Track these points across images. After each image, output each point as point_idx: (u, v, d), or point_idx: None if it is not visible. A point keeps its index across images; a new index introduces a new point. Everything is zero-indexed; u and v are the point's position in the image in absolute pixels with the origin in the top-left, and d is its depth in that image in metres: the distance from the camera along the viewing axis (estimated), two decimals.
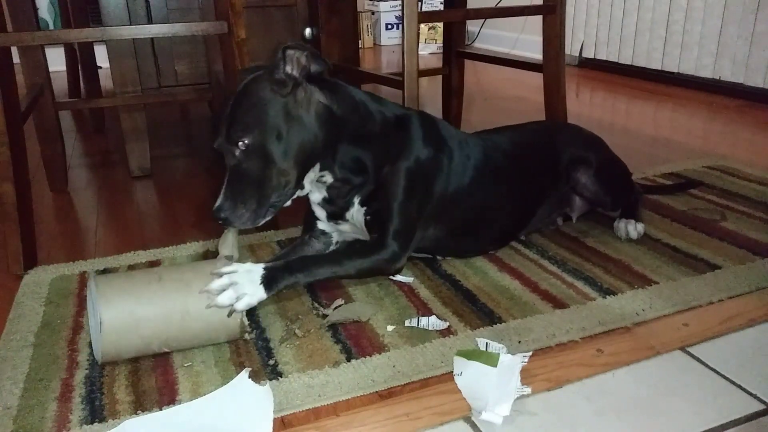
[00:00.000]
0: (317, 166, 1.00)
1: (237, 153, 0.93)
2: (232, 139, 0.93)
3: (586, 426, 0.75)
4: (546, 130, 1.33)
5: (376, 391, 0.81)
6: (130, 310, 0.83)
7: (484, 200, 1.13)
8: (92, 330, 0.88)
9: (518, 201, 1.19)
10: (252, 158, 0.93)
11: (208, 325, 0.87)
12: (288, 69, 0.94)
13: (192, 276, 0.88)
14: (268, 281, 0.92)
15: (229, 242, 0.95)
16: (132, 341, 0.84)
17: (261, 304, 1.01)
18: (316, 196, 1.07)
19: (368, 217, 1.05)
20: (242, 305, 0.88)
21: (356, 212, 1.06)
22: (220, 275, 0.88)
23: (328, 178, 1.03)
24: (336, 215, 1.08)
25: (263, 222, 0.96)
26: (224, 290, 0.87)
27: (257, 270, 0.92)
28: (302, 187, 1.01)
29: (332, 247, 1.14)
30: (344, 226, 1.09)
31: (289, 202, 0.99)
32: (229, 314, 0.88)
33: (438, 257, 1.16)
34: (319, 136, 0.97)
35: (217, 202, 0.93)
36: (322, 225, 1.11)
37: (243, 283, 0.89)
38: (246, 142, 0.92)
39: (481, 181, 1.11)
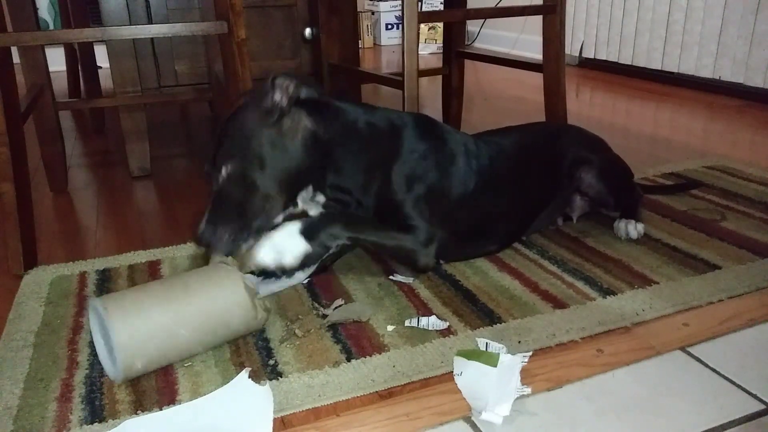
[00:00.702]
0: (310, 187, 1.01)
1: (221, 179, 0.95)
2: (216, 165, 0.95)
3: (586, 426, 0.75)
4: (549, 132, 1.32)
5: (376, 391, 0.81)
6: (137, 307, 0.82)
7: (489, 205, 1.12)
8: (101, 350, 0.87)
9: (522, 204, 1.18)
10: (234, 184, 0.95)
11: (214, 297, 0.86)
12: (276, 97, 0.95)
13: (189, 274, 0.89)
14: (305, 233, 0.93)
15: None
16: (148, 333, 0.82)
17: None
18: (314, 212, 1.07)
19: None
20: (290, 258, 0.90)
21: None
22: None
23: (321, 198, 1.04)
24: None
25: (248, 247, 0.96)
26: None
27: (293, 226, 0.94)
28: (296, 205, 1.01)
29: (332, 250, 1.13)
30: None
31: (280, 220, 0.99)
32: (283, 274, 0.89)
33: (441, 261, 1.15)
34: (305, 162, 0.98)
35: (200, 226, 0.95)
36: None
37: (282, 240, 0.91)
38: (228, 168, 0.94)
39: (485, 186, 1.11)
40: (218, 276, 0.89)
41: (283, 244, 0.89)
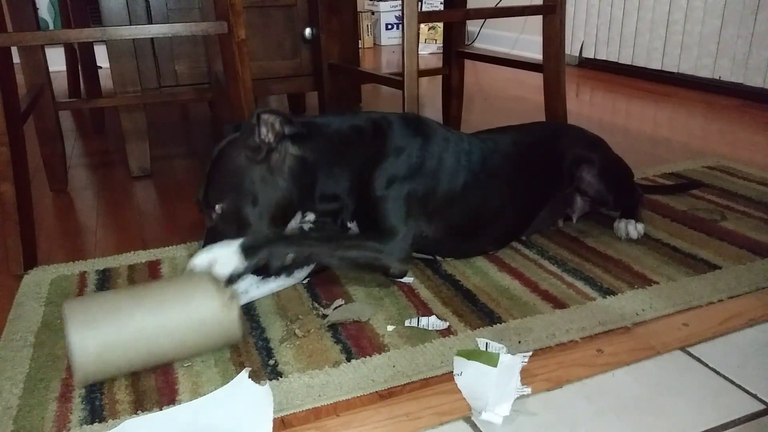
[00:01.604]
0: (298, 215, 1.01)
1: (214, 216, 0.97)
2: (208, 203, 0.96)
3: (586, 426, 0.75)
4: (548, 131, 1.32)
5: (376, 391, 0.81)
6: (100, 317, 0.80)
7: (484, 201, 1.12)
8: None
9: (520, 203, 1.18)
10: (228, 221, 0.96)
11: (186, 309, 0.83)
12: (263, 134, 0.96)
13: (166, 282, 0.88)
14: (245, 249, 0.91)
15: None
16: (107, 353, 0.79)
17: (260, 303, 1.02)
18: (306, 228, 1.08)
19: (360, 225, 1.05)
20: (222, 268, 0.88)
21: (354, 227, 1.06)
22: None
23: (311, 217, 1.04)
24: None
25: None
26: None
27: (234, 242, 0.92)
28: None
29: None
30: None
31: None
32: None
33: (438, 258, 1.16)
34: (295, 192, 0.98)
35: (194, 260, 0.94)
36: None
37: (220, 249, 0.90)
38: (222, 206, 0.95)
39: (478, 182, 1.11)
40: (197, 305, 0.83)
41: (219, 254, 0.89)
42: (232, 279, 0.89)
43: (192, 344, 0.85)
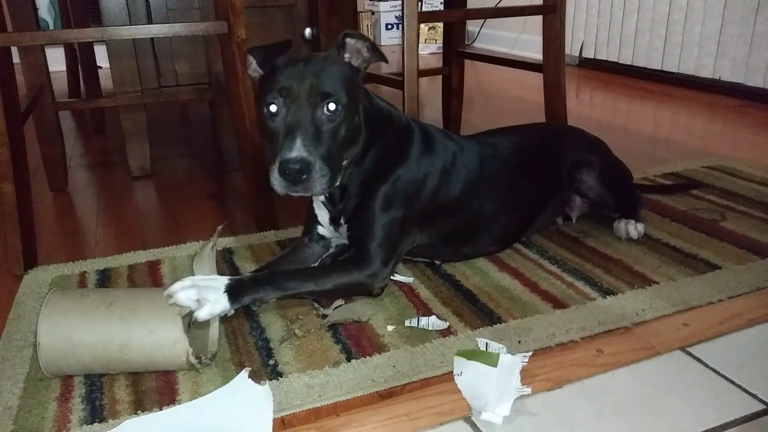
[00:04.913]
0: (345, 163, 0.98)
1: (323, 108, 0.88)
2: (325, 93, 0.88)
3: (586, 426, 0.75)
4: (548, 133, 1.32)
5: (376, 391, 0.81)
6: (69, 335, 0.81)
7: (480, 207, 1.12)
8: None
9: (519, 206, 1.18)
10: (337, 119, 0.89)
11: (148, 358, 0.83)
12: (347, 57, 0.94)
13: (145, 306, 0.84)
14: (232, 292, 0.88)
15: (204, 261, 0.93)
16: (71, 364, 0.82)
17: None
18: (322, 214, 1.07)
19: (350, 233, 1.04)
20: (204, 313, 0.85)
21: (343, 229, 1.05)
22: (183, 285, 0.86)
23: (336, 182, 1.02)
24: (335, 220, 1.07)
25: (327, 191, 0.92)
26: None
27: (221, 280, 0.89)
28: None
29: (331, 250, 1.13)
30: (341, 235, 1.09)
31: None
32: (191, 323, 0.84)
33: (436, 261, 1.15)
34: (360, 129, 0.97)
35: (293, 152, 0.84)
36: (323, 230, 1.11)
37: (206, 289, 0.86)
38: (339, 105, 0.88)
39: (475, 189, 1.10)
40: (161, 345, 0.82)
41: (207, 295, 0.85)
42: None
43: (143, 368, 0.85)
